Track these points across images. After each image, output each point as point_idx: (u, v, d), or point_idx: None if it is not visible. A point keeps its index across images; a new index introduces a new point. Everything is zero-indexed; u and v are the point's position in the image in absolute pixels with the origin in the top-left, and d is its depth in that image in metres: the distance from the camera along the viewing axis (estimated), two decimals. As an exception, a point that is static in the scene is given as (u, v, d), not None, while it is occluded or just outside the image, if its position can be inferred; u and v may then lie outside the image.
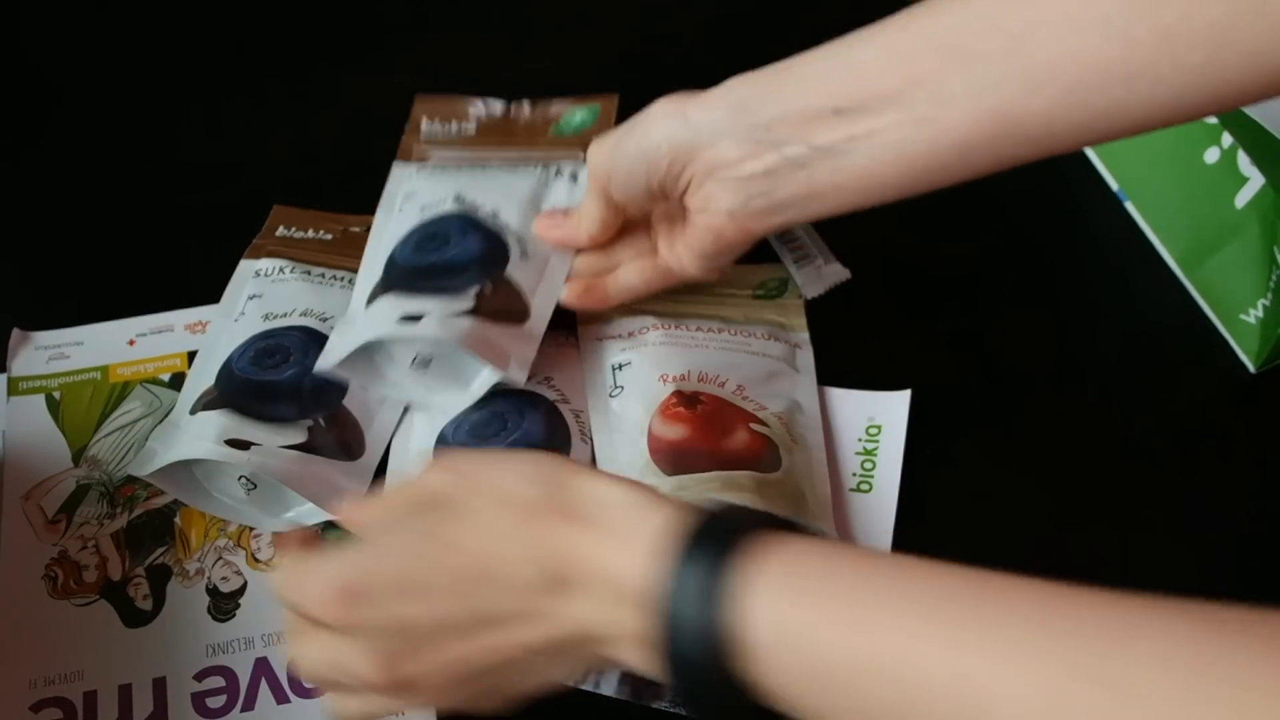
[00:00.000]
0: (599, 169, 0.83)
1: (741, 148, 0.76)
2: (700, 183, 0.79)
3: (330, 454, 0.87)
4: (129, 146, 1.09)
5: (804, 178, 0.76)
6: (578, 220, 0.88)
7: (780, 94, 0.75)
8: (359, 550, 0.63)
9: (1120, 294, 1.01)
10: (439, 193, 0.96)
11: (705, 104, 0.78)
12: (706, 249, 0.84)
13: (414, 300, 0.88)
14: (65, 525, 0.87)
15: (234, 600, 0.84)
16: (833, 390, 0.93)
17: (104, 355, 0.95)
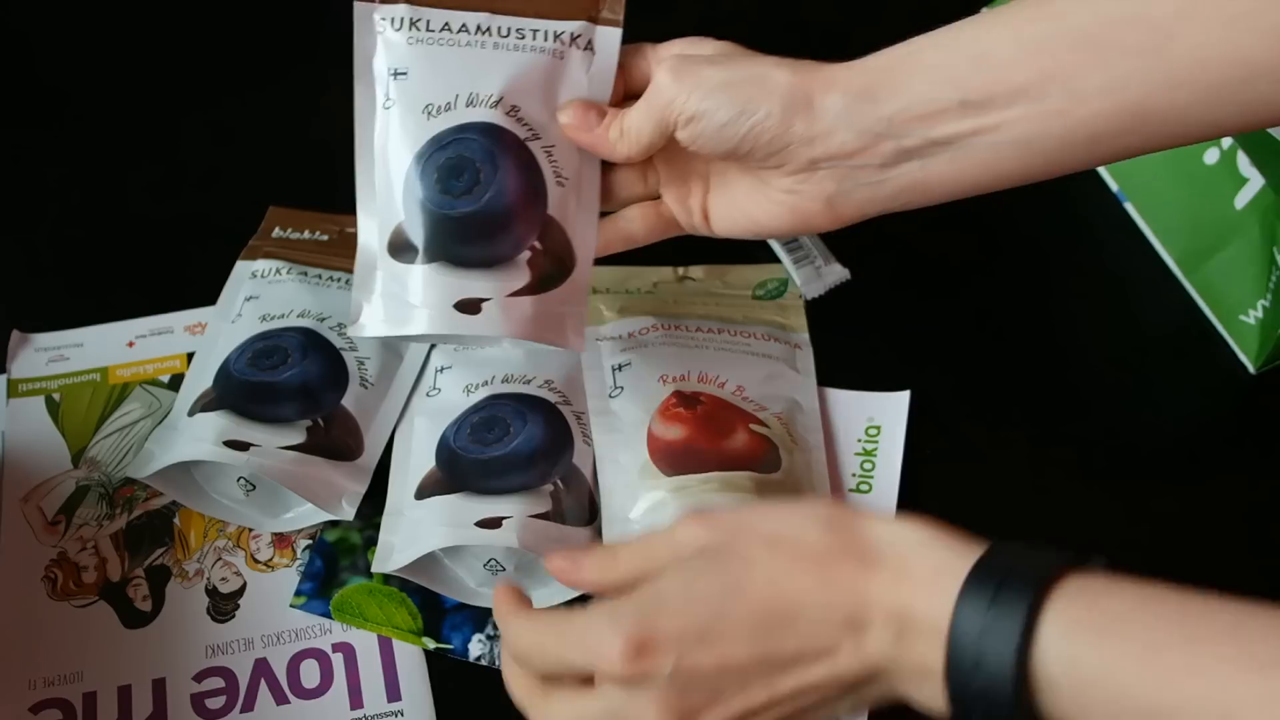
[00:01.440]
0: (678, 100, 0.75)
1: (860, 139, 0.73)
2: (802, 166, 0.75)
3: (329, 454, 0.87)
4: (127, 149, 1.10)
5: (918, 169, 0.74)
6: (619, 133, 0.78)
7: (906, 84, 0.72)
8: (631, 601, 0.61)
9: (1120, 295, 1.02)
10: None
11: (829, 89, 0.73)
12: (770, 225, 0.79)
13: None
14: (64, 526, 0.87)
15: (233, 601, 0.85)
16: (832, 391, 0.94)
17: (103, 357, 0.95)
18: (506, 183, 0.78)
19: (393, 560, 0.83)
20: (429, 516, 0.84)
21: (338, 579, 0.86)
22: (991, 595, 0.55)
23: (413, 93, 0.80)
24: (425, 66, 0.80)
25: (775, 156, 0.75)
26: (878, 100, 0.72)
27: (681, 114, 0.75)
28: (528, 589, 0.84)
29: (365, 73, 0.82)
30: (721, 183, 0.81)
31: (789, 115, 0.73)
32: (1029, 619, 0.54)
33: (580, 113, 0.79)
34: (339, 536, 0.87)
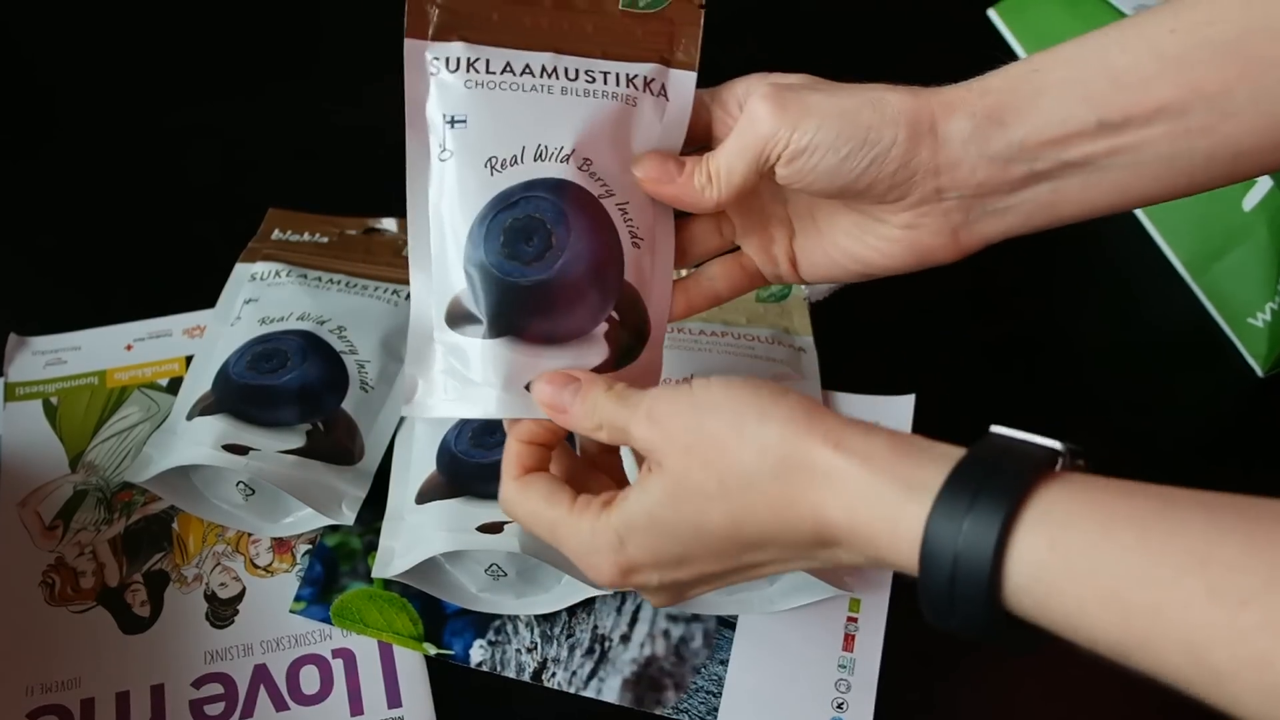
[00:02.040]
0: (780, 134, 0.69)
1: (988, 165, 0.69)
2: (924, 198, 0.70)
3: (329, 458, 0.88)
4: (125, 151, 1.10)
5: (1048, 191, 0.70)
6: (706, 178, 0.72)
7: (1035, 105, 0.68)
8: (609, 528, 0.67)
9: (1127, 298, 1.02)
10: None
11: (952, 113, 0.69)
12: (882, 265, 0.74)
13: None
14: (62, 531, 0.88)
15: (232, 606, 0.85)
16: (836, 394, 0.94)
17: (101, 360, 0.96)
18: (582, 246, 0.71)
19: (393, 565, 0.83)
20: (430, 521, 0.84)
21: (338, 584, 0.86)
22: (959, 512, 0.56)
23: (473, 144, 0.72)
24: (487, 114, 0.72)
25: (896, 190, 0.70)
26: (1005, 124, 0.68)
27: (787, 149, 0.69)
28: (529, 596, 0.85)
29: (417, 119, 0.73)
30: (810, 225, 0.76)
31: (914, 144, 0.68)
32: (997, 532, 0.55)
33: (658, 165, 0.73)
34: (339, 541, 0.88)
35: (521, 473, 0.71)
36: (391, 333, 0.94)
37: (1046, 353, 0.99)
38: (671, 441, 0.64)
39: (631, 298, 0.73)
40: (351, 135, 1.10)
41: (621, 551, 0.66)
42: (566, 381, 0.70)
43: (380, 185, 1.00)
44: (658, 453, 0.65)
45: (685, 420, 0.64)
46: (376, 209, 1.04)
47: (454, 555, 0.84)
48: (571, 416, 0.69)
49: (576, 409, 0.69)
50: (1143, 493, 0.54)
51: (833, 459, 0.60)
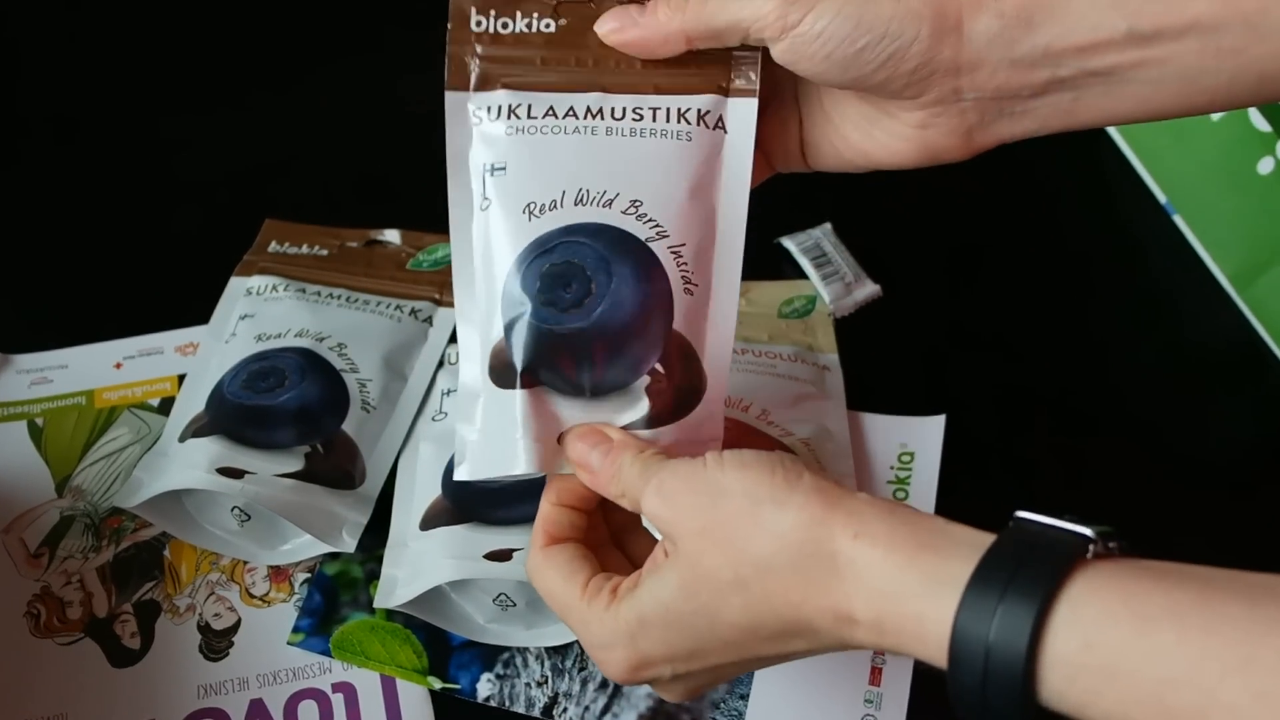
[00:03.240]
0: (790, 10, 0.68)
1: (1011, 68, 0.68)
2: (941, 98, 0.70)
3: (329, 482, 0.87)
4: (113, 159, 1.10)
5: (1069, 100, 0.70)
6: (674, 6, 0.71)
7: (1067, 8, 0.67)
8: (631, 616, 0.66)
9: (1169, 313, 1.02)
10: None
11: (980, 10, 0.68)
12: (888, 160, 0.74)
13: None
14: (48, 559, 0.87)
15: (227, 638, 0.85)
16: (863, 415, 0.94)
17: (89, 379, 0.96)
18: (624, 294, 0.70)
19: (396, 595, 0.83)
20: (435, 548, 0.83)
21: (338, 615, 0.86)
22: (990, 607, 0.56)
23: (512, 190, 0.72)
24: (526, 159, 0.72)
25: (913, 87, 0.69)
26: (1034, 25, 0.67)
27: (794, 29, 0.68)
28: (539, 627, 0.84)
29: (459, 170, 0.73)
30: (818, 111, 0.76)
31: (937, 41, 0.68)
32: (1028, 629, 0.55)
33: (616, 13, 0.72)
34: (339, 570, 0.87)
35: (548, 541, 0.71)
36: (394, 350, 0.94)
37: (1084, 371, 0.99)
38: (683, 522, 0.64)
39: (682, 349, 0.71)
40: (352, 141, 1.11)
41: (633, 646, 0.66)
42: (598, 440, 0.70)
43: (383, 195, 1.01)
44: (670, 533, 0.65)
45: (698, 500, 0.64)
46: (379, 220, 1.04)
47: (460, 584, 0.83)
48: (598, 479, 0.69)
49: (604, 472, 0.69)
50: (1179, 579, 0.54)
51: (854, 549, 0.60)
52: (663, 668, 0.67)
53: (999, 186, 1.01)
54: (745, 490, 0.63)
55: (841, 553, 0.60)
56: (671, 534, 0.65)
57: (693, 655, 0.66)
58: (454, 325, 0.91)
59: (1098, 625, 0.54)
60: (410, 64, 1.14)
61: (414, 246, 1.02)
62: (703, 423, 0.72)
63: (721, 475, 0.64)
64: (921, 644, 0.58)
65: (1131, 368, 0.99)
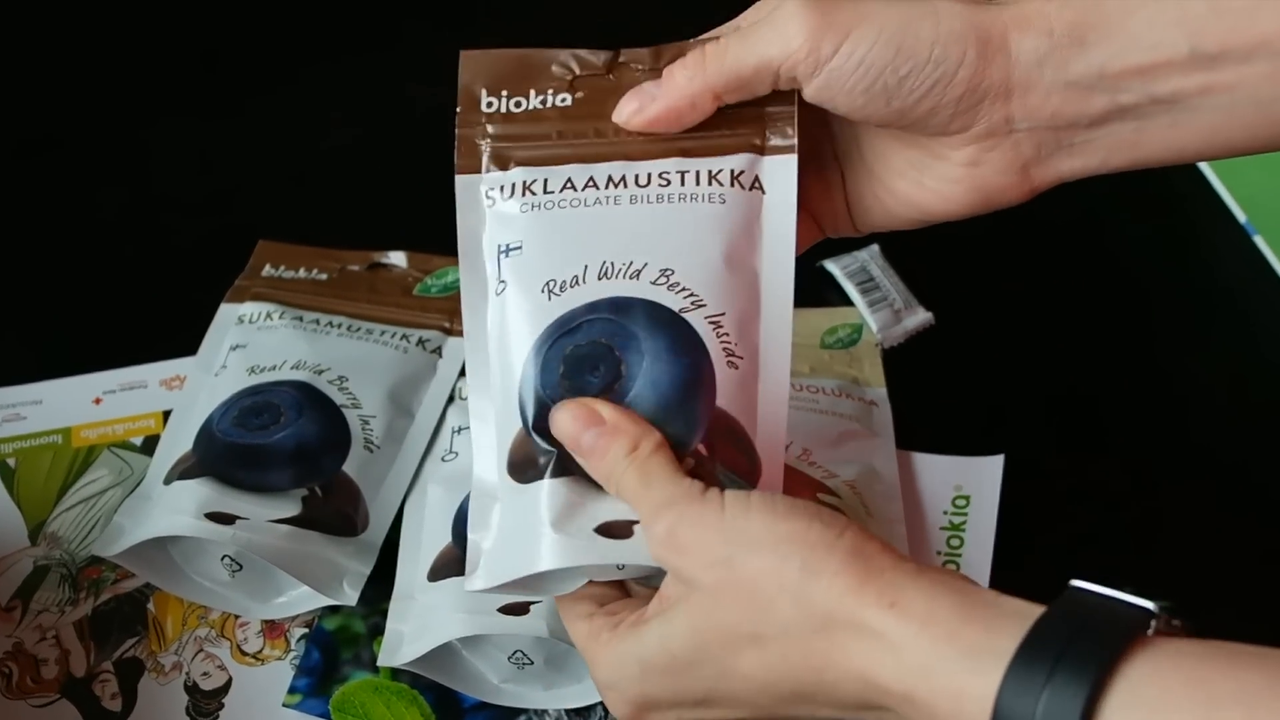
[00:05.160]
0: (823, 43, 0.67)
1: (1065, 92, 0.68)
2: (994, 128, 0.70)
3: (328, 529, 0.87)
4: (92, 173, 1.11)
5: (1131, 130, 0.69)
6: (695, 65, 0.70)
7: (1122, 25, 0.67)
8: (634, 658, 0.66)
9: (1250, 343, 1.02)
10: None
11: (1027, 28, 0.68)
12: (943, 209, 0.74)
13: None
14: (20, 613, 0.87)
15: (217, 700, 0.85)
16: (914, 455, 0.94)
17: (66, 416, 0.96)
18: (659, 372, 0.69)
19: (402, 652, 0.83)
20: (445, 601, 0.83)
21: (338, 674, 0.86)
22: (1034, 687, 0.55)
23: (528, 269, 0.72)
24: (544, 236, 0.72)
25: (961, 118, 0.69)
26: (1086, 44, 0.67)
27: (828, 63, 0.68)
28: (559, 687, 0.84)
29: (472, 254, 0.74)
30: (858, 164, 0.75)
31: (984, 64, 0.67)
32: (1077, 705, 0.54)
33: (631, 95, 0.72)
34: (340, 624, 0.87)
35: None
36: (400, 384, 0.94)
37: (1157, 406, 0.98)
38: (695, 575, 0.63)
39: (729, 428, 0.70)
40: (354, 154, 1.11)
41: (636, 688, 0.67)
42: (591, 422, 0.67)
43: (386, 214, 1.00)
44: (680, 576, 0.64)
45: (715, 552, 0.63)
46: (382, 241, 1.04)
47: (472, 641, 0.83)
48: (590, 464, 0.67)
49: (594, 462, 0.67)
50: (1251, 661, 0.54)
51: (886, 620, 0.59)
52: (668, 713, 0.67)
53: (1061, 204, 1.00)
54: (773, 545, 0.62)
55: (871, 623, 0.59)
56: (681, 576, 0.64)
57: (701, 703, 0.65)
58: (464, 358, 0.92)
59: (1159, 708, 0.53)
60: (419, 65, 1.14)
61: (421, 270, 1.02)
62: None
63: (747, 523, 0.62)
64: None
65: (1208, 405, 0.99)
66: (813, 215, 0.77)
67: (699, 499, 0.64)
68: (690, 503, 0.64)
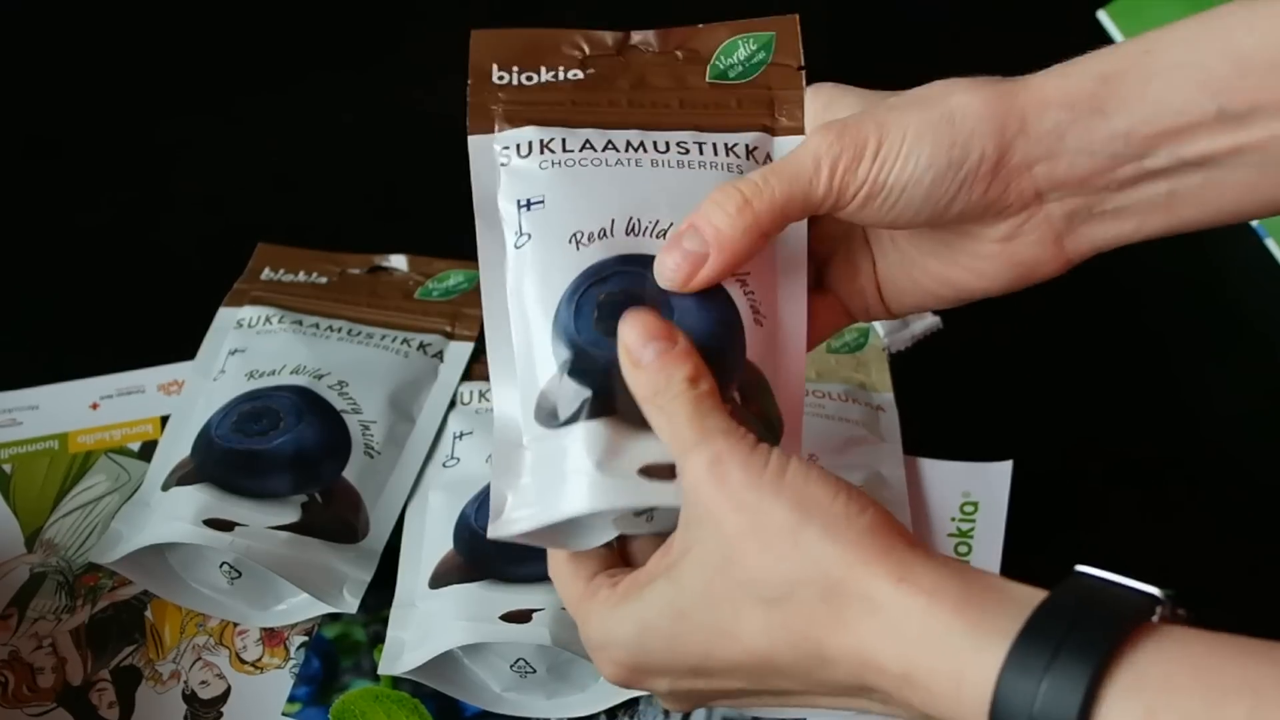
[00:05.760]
0: (858, 170, 0.68)
1: (1091, 160, 0.68)
2: (1024, 205, 0.70)
3: (328, 535, 0.87)
4: (88, 177, 1.11)
5: (1164, 194, 0.69)
6: (738, 205, 0.69)
7: (1144, 91, 0.67)
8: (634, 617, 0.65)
9: (1263, 348, 1.02)
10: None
11: (1045, 105, 0.68)
12: (981, 287, 0.74)
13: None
14: (17, 621, 0.88)
15: (215, 708, 0.85)
16: (922, 461, 0.94)
17: (62, 421, 0.96)
18: (694, 320, 0.69)
19: (403, 660, 0.83)
20: (446, 609, 0.83)
21: (338, 682, 0.86)
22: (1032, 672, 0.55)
23: (554, 221, 0.72)
24: (567, 190, 0.72)
25: (994, 206, 0.70)
26: (1109, 114, 0.68)
27: (863, 188, 0.68)
28: (561, 696, 0.84)
29: (488, 213, 0.73)
30: (890, 249, 0.76)
31: (1004, 150, 0.68)
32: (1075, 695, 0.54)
33: (670, 247, 0.70)
34: (340, 632, 0.88)
35: None
36: (401, 388, 0.94)
37: (1166, 411, 0.98)
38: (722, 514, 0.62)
39: (756, 381, 0.70)
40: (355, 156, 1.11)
41: (631, 651, 0.66)
42: (660, 334, 0.65)
43: (388, 215, 1.00)
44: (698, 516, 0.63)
45: (745, 497, 0.62)
46: (384, 244, 1.04)
47: (474, 649, 0.83)
48: (639, 376, 0.65)
49: (650, 373, 0.65)
50: (1256, 653, 0.54)
51: (892, 593, 0.59)
52: (659, 680, 0.67)
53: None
54: (799, 505, 0.61)
55: (877, 595, 0.59)
56: (700, 519, 0.63)
57: (695, 671, 0.65)
58: (466, 361, 0.92)
59: (1162, 693, 0.53)
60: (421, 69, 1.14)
61: (423, 274, 1.02)
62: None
63: (781, 479, 0.62)
64: (955, 705, 0.57)
65: (1220, 408, 0.99)
66: (841, 300, 0.77)
67: (751, 444, 0.63)
68: (741, 441, 0.63)
